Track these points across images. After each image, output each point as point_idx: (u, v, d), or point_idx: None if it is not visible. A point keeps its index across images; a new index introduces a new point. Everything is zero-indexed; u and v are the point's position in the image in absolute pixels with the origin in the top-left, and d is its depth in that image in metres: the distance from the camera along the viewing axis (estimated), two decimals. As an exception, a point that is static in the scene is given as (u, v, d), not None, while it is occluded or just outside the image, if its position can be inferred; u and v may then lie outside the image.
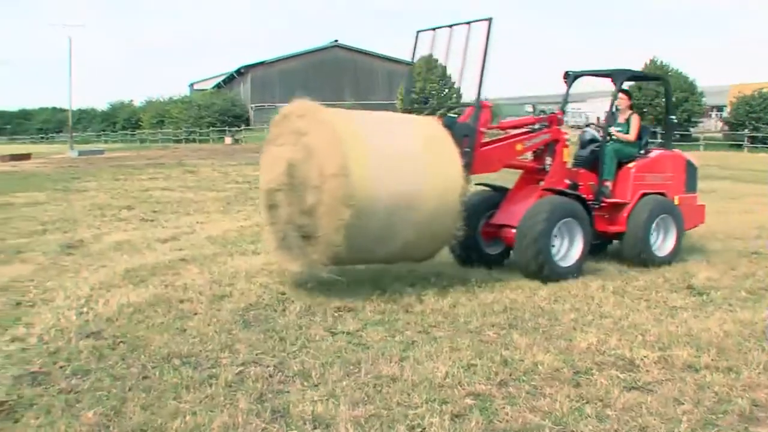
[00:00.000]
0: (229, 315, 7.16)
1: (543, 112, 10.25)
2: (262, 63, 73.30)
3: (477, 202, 9.88)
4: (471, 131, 8.68)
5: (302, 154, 7.62)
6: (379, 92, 71.49)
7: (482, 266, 9.69)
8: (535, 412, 4.91)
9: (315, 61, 72.89)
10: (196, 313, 7.20)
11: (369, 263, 8.79)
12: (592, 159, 10.41)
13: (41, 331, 6.66)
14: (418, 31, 9.54)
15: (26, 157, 42.99)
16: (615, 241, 10.60)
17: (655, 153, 10.92)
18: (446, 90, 56.81)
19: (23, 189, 21.72)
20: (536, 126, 9.96)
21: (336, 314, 7.26)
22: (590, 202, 9.85)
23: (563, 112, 10.32)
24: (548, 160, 9.89)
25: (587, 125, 11.13)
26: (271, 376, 5.54)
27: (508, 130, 10.11)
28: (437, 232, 8.20)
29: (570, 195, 9.51)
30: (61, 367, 5.70)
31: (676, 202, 10.67)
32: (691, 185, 11.08)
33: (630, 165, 10.49)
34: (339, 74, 72.25)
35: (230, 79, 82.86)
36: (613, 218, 10.31)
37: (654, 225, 10.17)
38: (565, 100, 11.09)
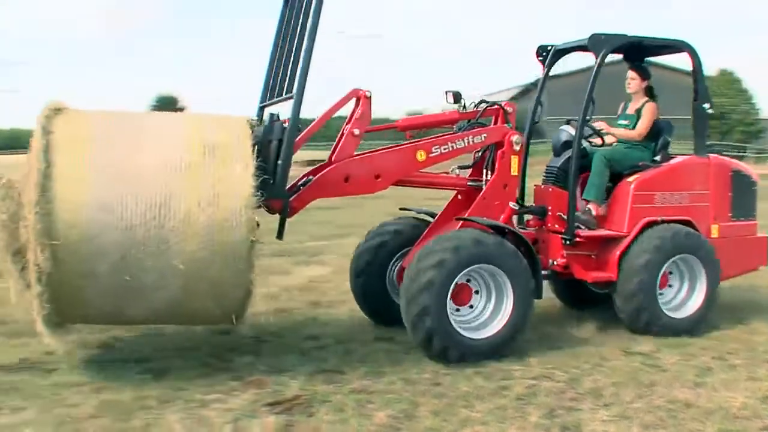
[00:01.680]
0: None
1: (483, 102, 7.15)
2: (555, 77, 72.60)
3: (391, 235, 7.26)
4: (288, 134, 5.80)
5: (25, 169, 5.44)
6: (667, 105, 68.67)
7: (397, 326, 6.58)
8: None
9: (604, 74, 71.37)
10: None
11: (127, 324, 6.44)
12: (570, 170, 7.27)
13: (337, 331, 6.95)
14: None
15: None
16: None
17: (676, 160, 7.49)
18: (744, 105, 49.50)
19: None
20: (462, 124, 7.04)
21: (630, 334, 7.00)
22: (561, 236, 7.04)
23: (541, 104, 7.87)
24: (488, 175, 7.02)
25: (567, 122, 7.73)
26: (562, 392, 5.45)
27: (411, 132, 7.04)
28: (217, 286, 5.57)
29: (493, 227, 6.45)
30: (354, 368, 5.89)
31: (715, 234, 7.37)
32: (743, 208, 7.59)
33: (630, 179, 7.22)
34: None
35: (526, 92, 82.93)
36: (602, 260, 7.12)
37: (664, 270, 6.92)
38: (542, 86, 8.20)
